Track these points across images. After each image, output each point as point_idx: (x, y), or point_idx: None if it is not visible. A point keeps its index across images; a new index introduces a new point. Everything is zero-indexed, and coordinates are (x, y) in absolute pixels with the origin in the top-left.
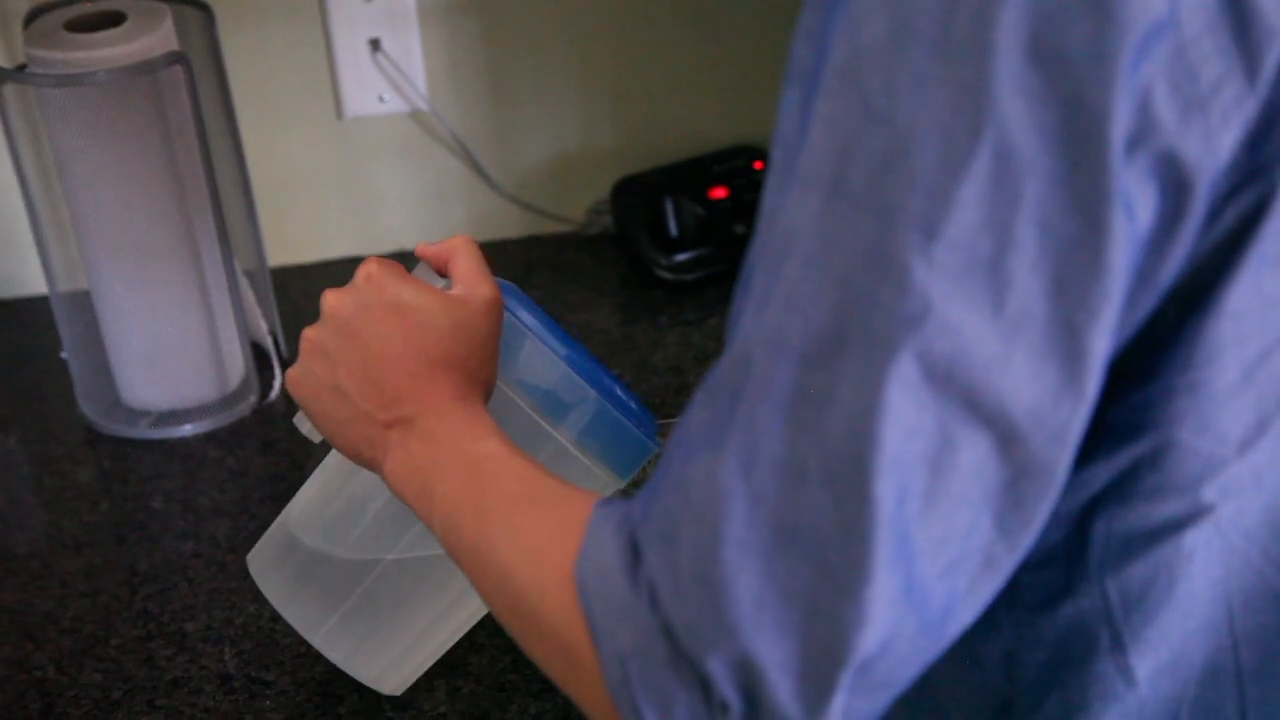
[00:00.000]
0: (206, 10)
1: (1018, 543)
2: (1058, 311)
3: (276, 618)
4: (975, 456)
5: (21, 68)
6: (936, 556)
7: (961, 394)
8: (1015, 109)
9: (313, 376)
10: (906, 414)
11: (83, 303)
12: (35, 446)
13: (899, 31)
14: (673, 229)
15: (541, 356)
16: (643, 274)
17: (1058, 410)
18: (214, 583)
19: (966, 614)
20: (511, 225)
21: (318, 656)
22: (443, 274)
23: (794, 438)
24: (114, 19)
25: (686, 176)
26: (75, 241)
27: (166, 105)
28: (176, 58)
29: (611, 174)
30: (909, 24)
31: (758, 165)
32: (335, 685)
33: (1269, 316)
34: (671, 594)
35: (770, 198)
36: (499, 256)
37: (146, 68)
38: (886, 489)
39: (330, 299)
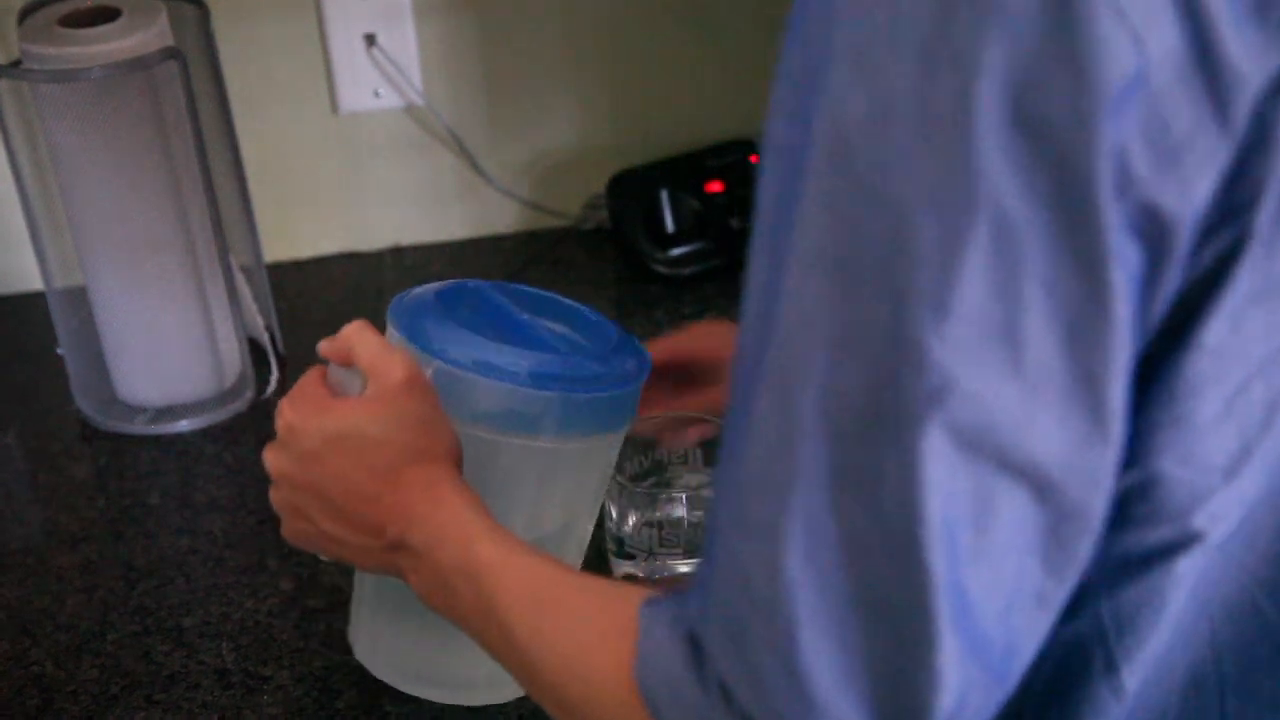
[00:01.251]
0: (201, 6)
1: (1065, 578)
2: (1075, 365)
3: (274, 612)
4: (1015, 509)
5: (16, 63)
6: (992, 605)
7: (994, 455)
8: (1005, 178)
9: (303, 533)
10: (944, 482)
11: (78, 298)
12: (31, 442)
13: (880, 109)
14: (668, 223)
15: (484, 388)
16: (638, 269)
17: (1087, 456)
18: (211, 578)
19: (1026, 651)
20: (507, 220)
21: (316, 651)
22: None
23: (850, 517)
24: (108, 15)
25: (682, 171)
26: (71, 237)
27: (162, 101)
28: (171, 53)
29: (607, 169)
30: (889, 102)
31: (753, 159)
32: (333, 680)
33: (1248, 350)
34: (750, 689)
35: (760, 269)
36: (494, 252)
37: (141, 64)
38: (938, 556)
39: (270, 461)
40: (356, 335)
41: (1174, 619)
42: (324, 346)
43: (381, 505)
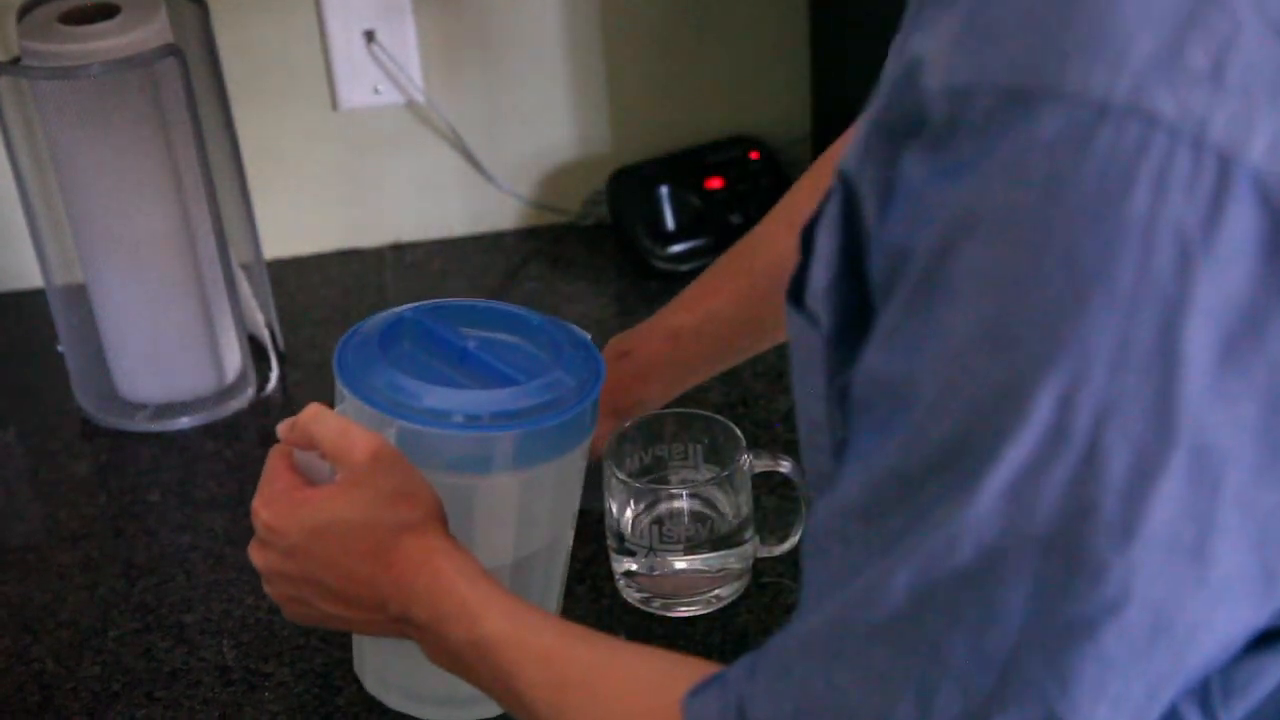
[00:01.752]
0: (201, 3)
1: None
2: (1261, 565)
3: (275, 609)
4: (1175, 691)
5: (15, 61)
6: None
7: (1164, 654)
8: (1210, 413)
9: (305, 615)
10: (1108, 688)
11: (78, 296)
12: (32, 440)
13: (1073, 354)
14: (668, 220)
15: (446, 439)
16: (639, 265)
17: (1250, 626)
18: (212, 575)
19: None
20: (507, 217)
21: (317, 648)
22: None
23: (975, 705)
24: (108, 11)
25: (682, 167)
26: (71, 235)
27: (161, 98)
28: (171, 50)
29: (607, 165)
30: (1080, 342)
31: (753, 155)
32: (334, 677)
33: None
34: None
35: (883, 449)
36: (494, 249)
37: (141, 60)
38: None
39: (257, 560)
40: (313, 423)
41: None
42: (284, 432)
43: (377, 585)
